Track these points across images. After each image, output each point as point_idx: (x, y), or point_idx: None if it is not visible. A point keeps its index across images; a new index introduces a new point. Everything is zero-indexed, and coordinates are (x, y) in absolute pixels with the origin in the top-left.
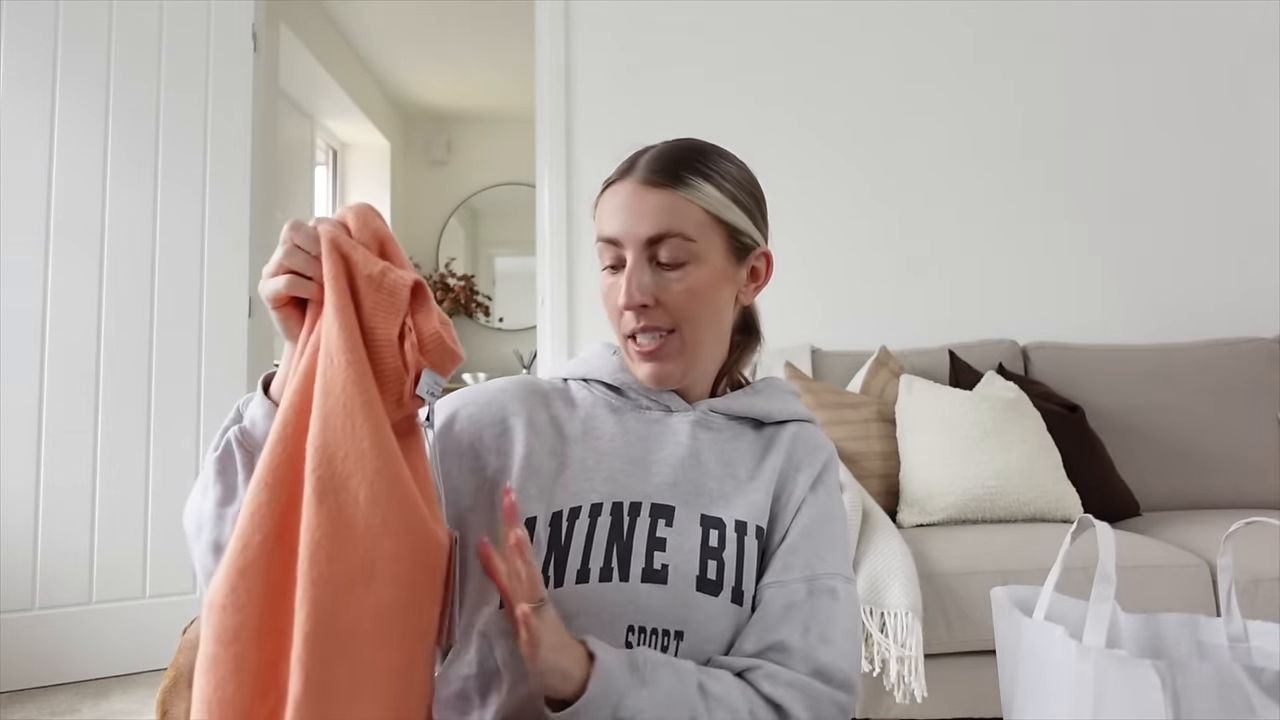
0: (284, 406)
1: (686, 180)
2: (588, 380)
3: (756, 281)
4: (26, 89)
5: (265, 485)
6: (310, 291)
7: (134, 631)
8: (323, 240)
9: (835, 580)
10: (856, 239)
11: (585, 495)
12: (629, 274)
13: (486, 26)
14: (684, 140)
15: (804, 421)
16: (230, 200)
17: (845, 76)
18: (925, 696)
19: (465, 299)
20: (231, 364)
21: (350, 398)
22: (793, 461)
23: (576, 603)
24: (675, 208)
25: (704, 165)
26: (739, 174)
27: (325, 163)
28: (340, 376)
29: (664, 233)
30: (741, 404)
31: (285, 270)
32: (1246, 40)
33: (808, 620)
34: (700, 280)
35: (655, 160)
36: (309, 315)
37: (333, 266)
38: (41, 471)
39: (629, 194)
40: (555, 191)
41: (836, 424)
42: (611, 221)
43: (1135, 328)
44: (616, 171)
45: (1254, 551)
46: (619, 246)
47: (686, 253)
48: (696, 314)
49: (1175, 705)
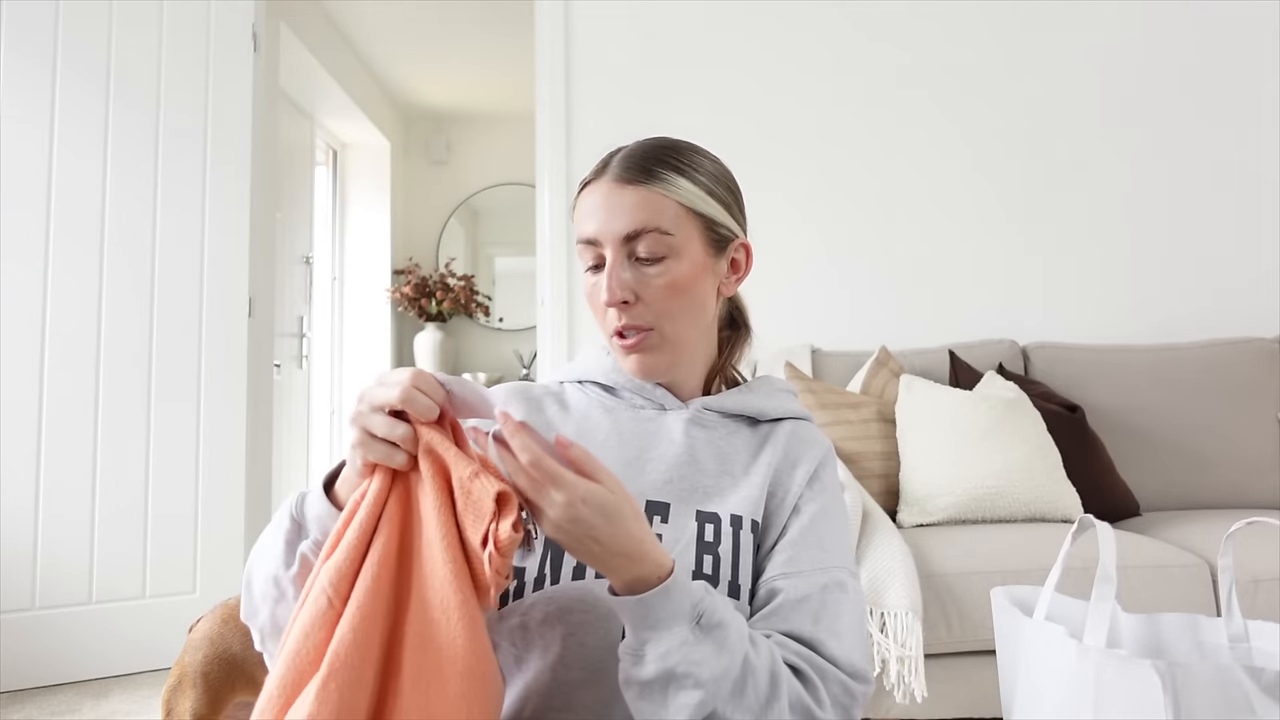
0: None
1: (660, 175)
2: (583, 382)
3: (738, 273)
4: (26, 88)
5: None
6: (401, 464)
7: (134, 631)
8: (420, 439)
9: (843, 574)
10: (857, 239)
11: None
12: (609, 271)
13: (486, 26)
14: (657, 138)
15: (799, 419)
16: (230, 200)
17: (846, 76)
18: (925, 696)
19: (465, 299)
20: (231, 364)
21: (446, 597)
22: (789, 458)
23: (573, 599)
24: (650, 203)
25: (677, 160)
26: (713, 167)
27: (325, 163)
28: (440, 573)
29: (640, 228)
30: (735, 402)
31: (385, 439)
32: (1246, 40)
33: (817, 612)
34: (680, 274)
35: (628, 158)
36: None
37: (431, 464)
38: (41, 471)
39: (604, 193)
40: (555, 191)
41: (836, 424)
42: (589, 222)
43: (1135, 328)
44: (591, 172)
45: (1254, 551)
46: (598, 246)
47: (664, 246)
48: (677, 307)
49: (1175, 705)
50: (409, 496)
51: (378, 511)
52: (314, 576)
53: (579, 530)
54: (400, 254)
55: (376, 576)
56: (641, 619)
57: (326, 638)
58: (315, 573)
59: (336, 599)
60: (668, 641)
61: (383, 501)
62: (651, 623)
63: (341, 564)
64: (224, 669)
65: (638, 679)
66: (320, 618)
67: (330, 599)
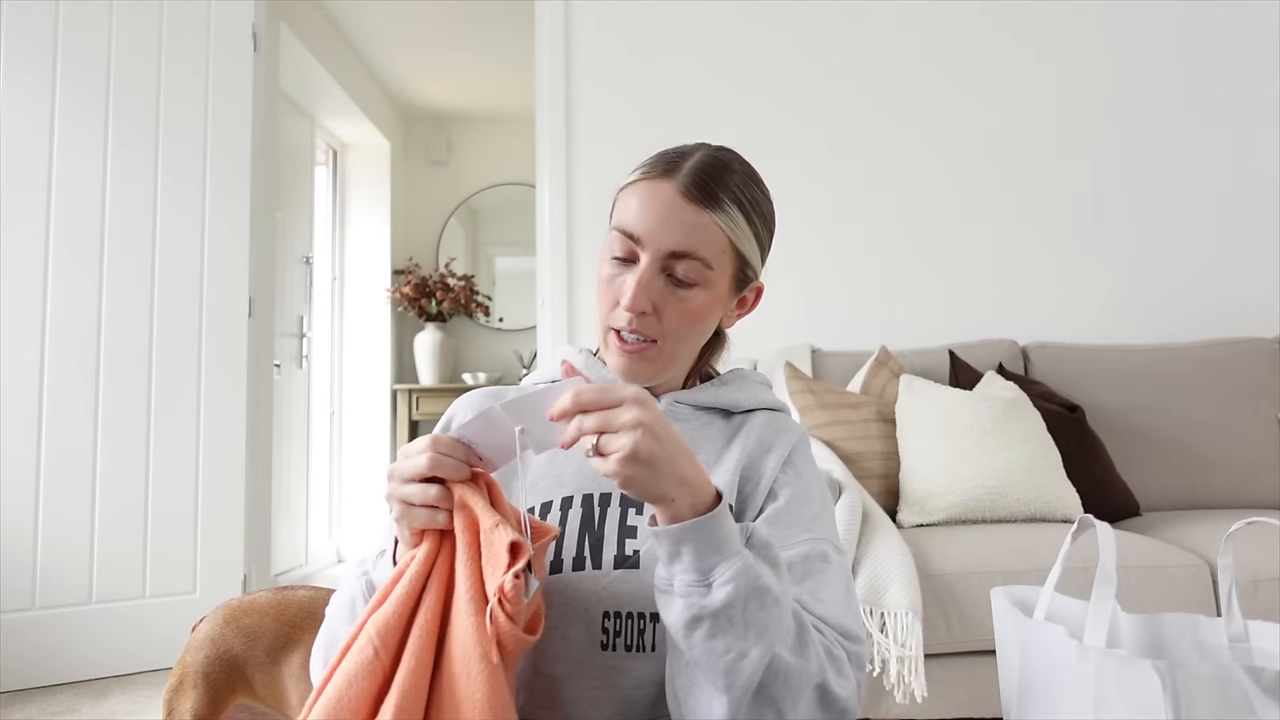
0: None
1: (724, 205)
2: (556, 381)
3: (742, 310)
4: (26, 89)
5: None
6: (444, 524)
7: (134, 631)
8: (455, 495)
9: (825, 545)
10: (857, 239)
11: (555, 490)
12: (640, 279)
13: (486, 26)
14: (727, 155)
15: (773, 410)
16: (230, 200)
17: (846, 76)
18: (925, 696)
19: (465, 299)
20: (231, 364)
21: (468, 649)
22: (762, 445)
23: (552, 593)
24: (706, 230)
25: (742, 192)
26: (766, 206)
27: (325, 163)
28: (464, 624)
29: (688, 252)
30: (707, 395)
31: (429, 504)
32: (1246, 40)
33: (799, 579)
34: (702, 304)
35: (700, 173)
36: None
37: (464, 519)
38: (41, 471)
39: (666, 199)
40: (555, 191)
41: (836, 424)
42: (639, 219)
43: (1135, 328)
44: (655, 168)
45: (1254, 551)
46: (638, 245)
47: (701, 276)
48: (687, 334)
49: (1175, 705)
50: (454, 555)
51: (427, 570)
52: (360, 625)
53: (649, 453)
54: (400, 254)
55: (425, 632)
56: (707, 542)
57: (370, 687)
58: (362, 623)
59: (383, 650)
60: (738, 561)
61: (433, 559)
62: (717, 545)
63: (390, 617)
64: (225, 670)
65: (710, 610)
66: (365, 666)
67: (376, 649)
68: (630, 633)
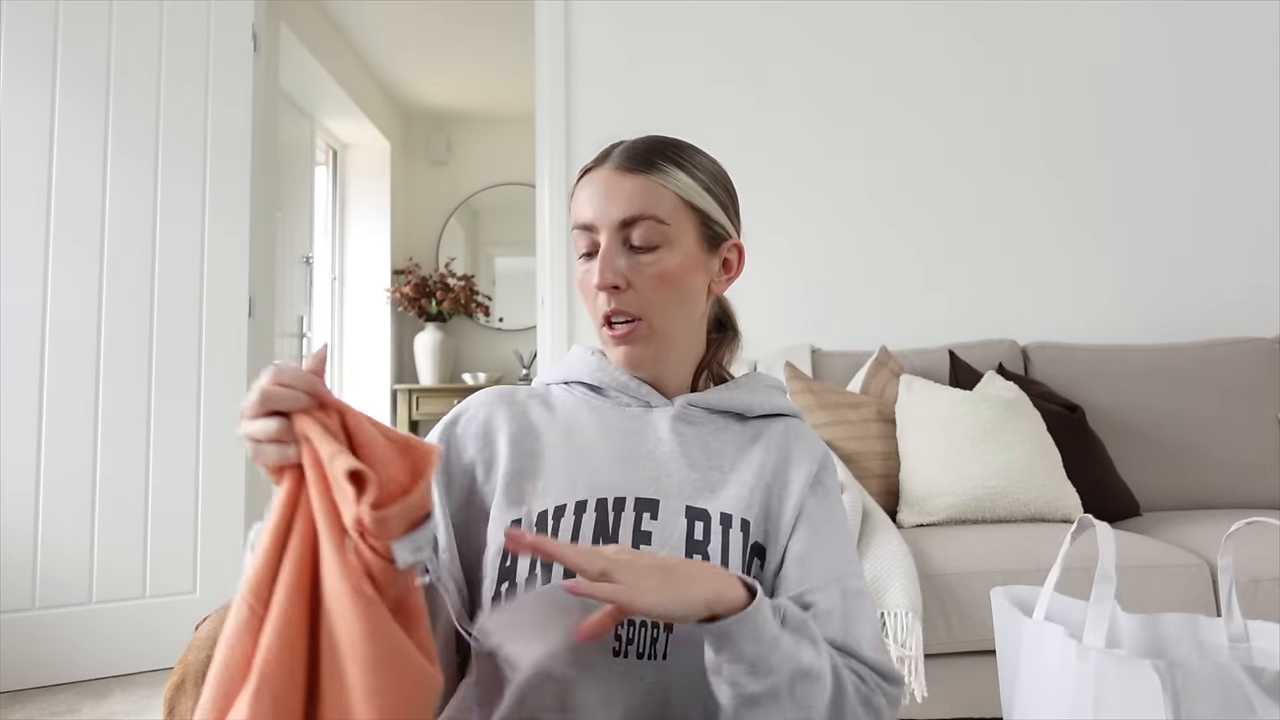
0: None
1: (660, 166)
2: (569, 383)
3: (729, 273)
4: (26, 89)
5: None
6: (293, 458)
7: (134, 631)
8: (295, 427)
9: (856, 581)
10: (857, 239)
11: (569, 494)
12: (602, 254)
13: (486, 26)
14: (658, 135)
15: (793, 417)
16: (230, 200)
17: (847, 76)
18: (925, 696)
19: (465, 299)
20: (231, 364)
21: (337, 587)
22: (786, 458)
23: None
24: (649, 191)
25: (677, 155)
26: (712, 167)
27: (325, 162)
28: (330, 562)
29: (637, 215)
30: (721, 398)
31: (272, 438)
32: (1246, 40)
33: (844, 624)
34: (672, 264)
35: (630, 149)
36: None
37: (309, 453)
38: (41, 471)
39: (603, 179)
40: (555, 191)
41: (836, 424)
42: (586, 207)
43: (1135, 328)
44: (592, 160)
45: (1254, 551)
46: (593, 231)
47: (659, 235)
48: (667, 298)
49: (1175, 705)
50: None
51: (290, 511)
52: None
53: (669, 576)
54: (400, 254)
55: (293, 577)
56: (750, 639)
57: (252, 645)
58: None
59: (257, 604)
60: (786, 644)
61: (295, 499)
62: (756, 635)
63: (259, 569)
64: None
65: (758, 696)
66: (243, 625)
67: (251, 605)
68: (643, 641)
